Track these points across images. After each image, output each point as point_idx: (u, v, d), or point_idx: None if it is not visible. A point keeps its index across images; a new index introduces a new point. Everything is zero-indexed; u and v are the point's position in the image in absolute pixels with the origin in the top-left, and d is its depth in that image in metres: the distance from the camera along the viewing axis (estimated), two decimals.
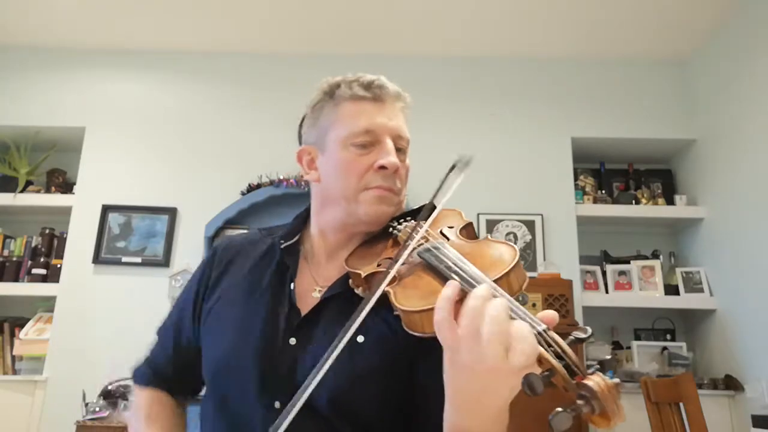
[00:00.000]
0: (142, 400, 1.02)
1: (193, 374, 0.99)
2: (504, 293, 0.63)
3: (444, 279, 0.68)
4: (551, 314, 0.61)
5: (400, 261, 0.73)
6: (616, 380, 0.55)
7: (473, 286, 0.63)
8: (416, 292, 0.71)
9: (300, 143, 1.02)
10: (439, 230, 0.84)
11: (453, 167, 0.83)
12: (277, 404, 0.84)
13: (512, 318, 0.59)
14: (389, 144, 0.91)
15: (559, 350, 0.57)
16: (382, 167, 0.89)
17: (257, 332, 0.89)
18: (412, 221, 0.89)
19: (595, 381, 0.53)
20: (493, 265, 0.69)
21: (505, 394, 0.62)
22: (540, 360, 0.57)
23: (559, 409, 0.52)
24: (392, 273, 0.72)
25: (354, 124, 0.91)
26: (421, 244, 0.78)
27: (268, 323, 0.90)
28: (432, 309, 0.64)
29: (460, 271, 0.67)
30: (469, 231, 0.86)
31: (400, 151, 0.93)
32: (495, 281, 0.65)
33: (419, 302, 0.68)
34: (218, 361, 0.91)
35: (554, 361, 0.56)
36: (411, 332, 0.69)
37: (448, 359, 0.64)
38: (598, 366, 0.56)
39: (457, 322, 0.60)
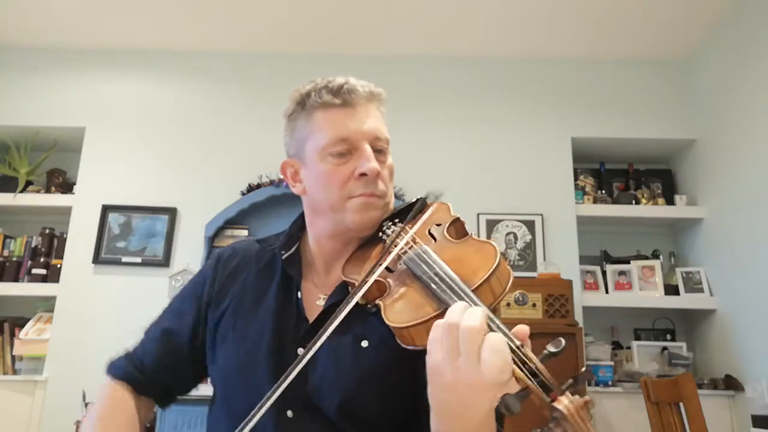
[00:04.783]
0: (106, 393, 0.98)
1: (173, 379, 0.99)
2: (481, 304, 0.66)
3: (427, 289, 0.72)
4: (523, 329, 0.63)
5: (374, 276, 0.76)
6: (586, 398, 0.57)
7: (453, 300, 0.67)
8: (403, 306, 0.73)
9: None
10: (427, 230, 0.85)
11: (422, 200, 0.87)
12: (289, 413, 0.85)
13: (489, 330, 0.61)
14: (367, 150, 0.89)
15: (533, 367, 0.59)
16: (363, 174, 0.88)
17: (267, 343, 0.90)
18: (400, 224, 0.89)
19: (564, 404, 0.56)
20: (474, 272, 0.71)
21: (485, 407, 0.63)
22: (516, 378, 0.59)
23: (537, 429, 0.56)
24: (367, 284, 0.76)
25: (328, 134, 0.89)
26: (405, 251, 0.79)
27: (277, 333, 0.91)
28: (418, 324, 0.68)
29: (441, 284, 0.70)
30: (457, 227, 0.87)
31: (380, 152, 0.92)
32: (477, 287, 0.68)
33: (406, 317, 0.70)
34: (230, 372, 0.91)
35: (528, 381, 0.59)
36: (403, 345, 0.71)
37: (430, 375, 0.65)
38: (572, 381, 0.58)
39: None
